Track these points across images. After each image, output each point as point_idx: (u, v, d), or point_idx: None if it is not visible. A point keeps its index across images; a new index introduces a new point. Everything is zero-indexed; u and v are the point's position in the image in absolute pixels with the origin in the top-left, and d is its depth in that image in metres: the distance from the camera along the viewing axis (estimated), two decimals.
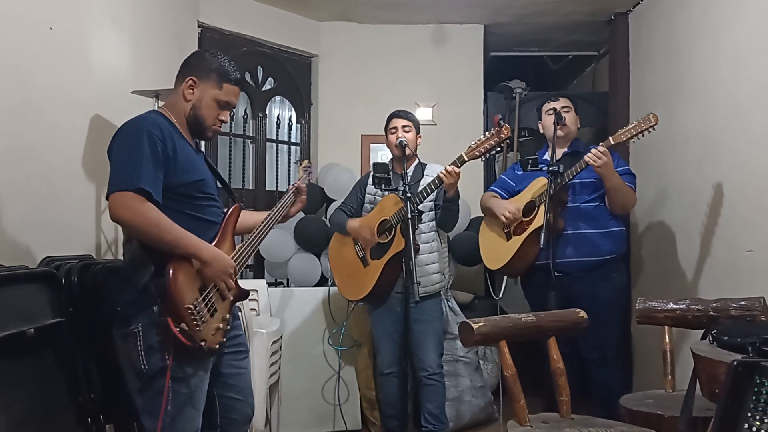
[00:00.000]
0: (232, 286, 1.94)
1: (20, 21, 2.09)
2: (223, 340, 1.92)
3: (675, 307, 2.26)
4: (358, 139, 4.45)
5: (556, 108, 3.07)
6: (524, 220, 3.04)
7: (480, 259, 3.39)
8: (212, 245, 1.92)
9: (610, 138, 2.87)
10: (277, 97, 4.51)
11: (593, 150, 2.82)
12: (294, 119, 4.55)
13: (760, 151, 2.65)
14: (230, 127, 4.13)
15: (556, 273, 2.83)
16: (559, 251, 2.92)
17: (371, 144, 4.43)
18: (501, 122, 2.76)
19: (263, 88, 4.35)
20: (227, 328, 1.95)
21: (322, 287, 3.71)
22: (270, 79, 4.38)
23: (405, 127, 3.07)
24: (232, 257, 1.98)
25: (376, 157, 4.34)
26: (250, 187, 4.27)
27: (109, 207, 1.78)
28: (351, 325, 3.61)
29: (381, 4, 4.17)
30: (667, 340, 2.25)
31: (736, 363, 1.31)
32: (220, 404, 2.04)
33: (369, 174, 3.23)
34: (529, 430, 1.85)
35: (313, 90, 4.57)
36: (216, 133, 2.09)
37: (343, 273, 3.19)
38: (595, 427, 1.87)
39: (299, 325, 3.65)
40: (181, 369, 1.82)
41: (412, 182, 3.00)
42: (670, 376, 2.23)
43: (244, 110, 4.27)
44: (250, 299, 3.06)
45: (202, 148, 2.20)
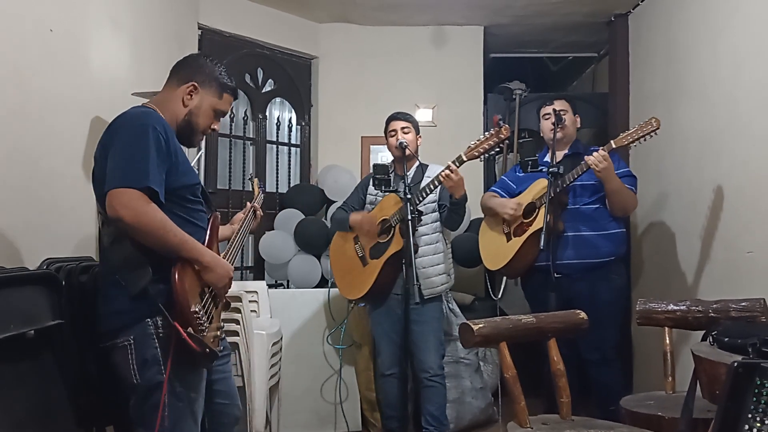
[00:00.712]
0: (227, 291, 1.91)
1: (19, 23, 2.09)
2: (220, 348, 1.89)
3: (675, 308, 2.26)
4: (358, 141, 4.45)
5: (555, 109, 3.08)
6: (525, 222, 3.04)
7: (480, 261, 3.39)
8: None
9: (612, 142, 2.87)
10: (277, 99, 4.51)
11: (594, 154, 2.82)
12: (294, 121, 4.55)
13: (759, 152, 2.65)
14: (230, 129, 4.13)
15: (556, 274, 2.83)
16: (558, 253, 2.92)
17: (371, 145, 4.43)
18: (500, 122, 2.76)
19: (263, 90, 4.36)
20: (222, 335, 1.93)
21: (322, 289, 3.71)
22: (270, 80, 4.38)
23: (404, 128, 3.08)
24: None
25: (376, 158, 4.35)
26: (251, 189, 4.27)
27: (109, 204, 1.67)
28: (351, 326, 3.61)
29: (380, 5, 4.17)
30: (668, 342, 2.25)
31: (736, 364, 1.31)
32: (208, 410, 1.99)
33: (371, 175, 3.23)
34: None
35: (313, 91, 4.58)
36: (200, 141, 2.09)
37: (343, 272, 3.20)
38: (595, 429, 1.87)
39: (299, 327, 3.65)
40: (179, 381, 1.75)
41: (413, 183, 3.01)
42: (670, 378, 2.23)
43: (245, 112, 4.27)
44: (250, 301, 3.07)
45: (201, 146, 2.20)
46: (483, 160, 3.47)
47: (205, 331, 1.75)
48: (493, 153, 2.88)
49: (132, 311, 1.73)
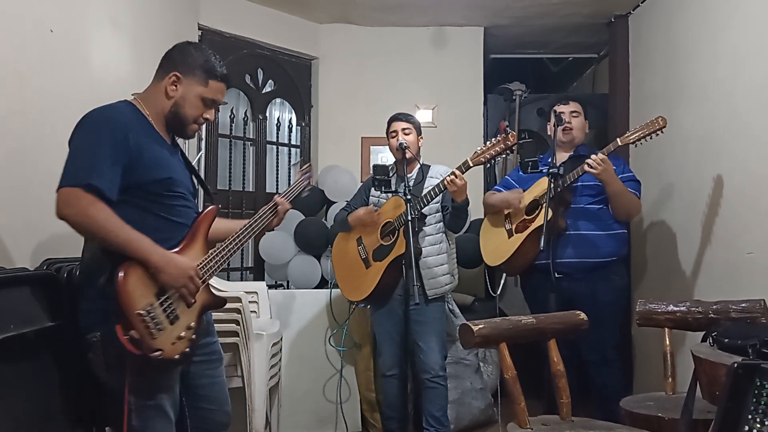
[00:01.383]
0: (193, 291, 1.80)
1: (19, 23, 2.09)
2: (187, 351, 1.78)
3: (675, 309, 2.26)
4: (358, 141, 4.45)
5: (556, 110, 3.08)
6: (527, 218, 3.04)
7: (480, 261, 3.39)
8: (173, 250, 1.79)
9: (618, 139, 2.87)
10: (277, 100, 4.51)
11: (592, 156, 2.82)
12: (294, 121, 4.56)
13: (759, 153, 2.65)
14: (230, 130, 4.13)
15: (557, 274, 2.83)
16: (559, 251, 2.92)
17: (371, 146, 4.43)
18: (507, 129, 2.75)
19: (263, 91, 4.36)
20: (193, 336, 1.81)
21: (323, 289, 3.71)
22: (270, 81, 4.39)
23: (405, 129, 3.08)
24: (201, 262, 1.85)
25: (376, 159, 4.35)
26: (251, 190, 4.28)
27: (56, 203, 1.66)
28: (352, 327, 3.61)
29: (381, 6, 4.17)
30: (668, 342, 2.25)
31: (736, 365, 1.31)
32: (192, 415, 1.96)
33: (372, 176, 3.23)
34: None
35: (313, 92, 4.58)
36: (195, 132, 1.97)
37: (345, 273, 3.20)
38: (595, 430, 1.87)
39: (299, 328, 3.65)
40: (144, 381, 1.72)
41: (415, 184, 3.01)
42: (670, 378, 2.23)
43: (245, 112, 4.28)
44: (250, 301, 3.07)
45: (201, 146, 2.16)
46: (489, 166, 3.47)
47: (156, 334, 1.68)
48: (498, 158, 2.88)
49: (99, 309, 1.70)
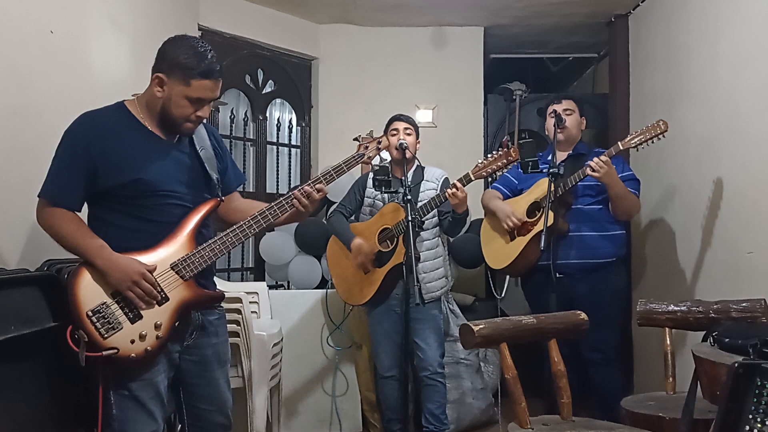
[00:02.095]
0: (141, 293, 1.79)
1: (20, 24, 2.09)
2: (149, 349, 1.79)
3: (676, 308, 2.26)
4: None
5: (555, 110, 3.08)
6: (528, 221, 3.03)
7: (480, 261, 3.39)
8: (138, 251, 1.82)
9: (620, 143, 2.86)
10: (278, 100, 4.51)
11: (594, 159, 2.81)
12: (294, 122, 4.56)
13: (759, 153, 2.65)
14: (230, 130, 4.13)
15: (558, 274, 2.83)
16: (560, 253, 2.92)
17: None
18: (509, 144, 2.76)
19: (263, 91, 4.36)
20: (162, 335, 1.81)
21: (323, 290, 3.71)
22: (270, 81, 4.39)
23: (406, 129, 3.08)
24: (179, 258, 1.86)
25: (376, 159, 4.34)
26: (251, 190, 4.28)
27: None
28: (351, 327, 3.61)
29: (380, 6, 4.18)
30: (668, 342, 2.25)
31: (737, 365, 1.31)
32: (188, 413, 1.99)
33: (367, 174, 3.22)
34: None
35: (313, 92, 4.58)
36: (192, 130, 1.94)
37: (343, 277, 3.18)
38: (595, 430, 1.87)
39: (300, 328, 3.65)
40: (115, 374, 1.79)
41: (412, 185, 3.01)
42: (671, 378, 2.23)
43: (245, 113, 4.28)
44: (250, 302, 3.07)
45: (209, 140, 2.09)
46: (491, 180, 3.47)
47: (108, 333, 1.74)
48: (499, 173, 2.90)
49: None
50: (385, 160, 3.32)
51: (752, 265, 2.69)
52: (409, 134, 3.08)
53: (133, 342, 1.78)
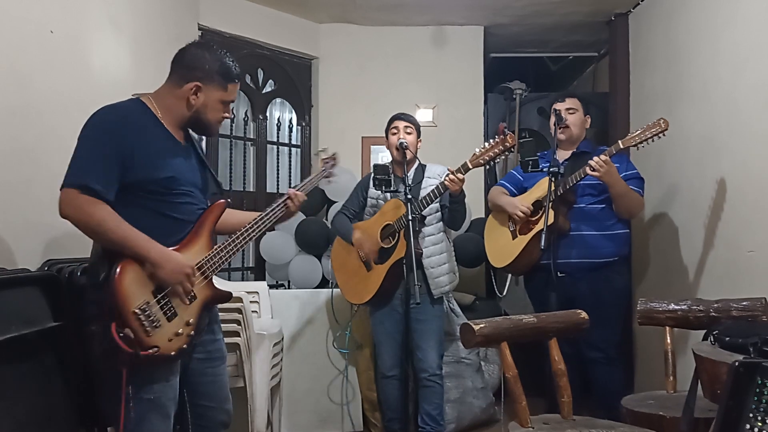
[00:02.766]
0: (189, 289, 1.82)
1: (20, 24, 2.09)
2: (184, 347, 1.81)
3: (676, 307, 2.26)
4: (359, 141, 4.45)
5: (557, 109, 3.08)
6: (531, 220, 3.04)
7: (481, 261, 3.39)
8: (172, 248, 1.81)
9: (620, 142, 2.85)
10: (278, 99, 4.51)
11: (594, 158, 2.81)
12: (294, 121, 4.56)
13: (760, 151, 2.65)
14: (231, 130, 4.13)
15: (559, 273, 2.83)
16: (561, 252, 2.92)
17: (372, 146, 4.43)
18: (506, 130, 2.74)
19: (263, 91, 4.36)
20: (191, 333, 1.84)
21: (323, 289, 3.71)
22: (270, 81, 4.39)
23: (407, 128, 3.08)
24: (204, 258, 1.88)
25: (377, 158, 4.35)
26: (251, 190, 4.28)
27: (58, 203, 1.72)
28: (353, 327, 3.60)
29: (380, 5, 4.17)
30: (669, 341, 2.25)
31: (737, 363, 1.31)
32: (192, 411, 1.98)
33: (370, 175, 3.22)
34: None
35: (314, 92, 4.57)
36: (218, 131, 2.06)
37: (346, 276, 3.18)
38: (596, 428, 1.87)
39: (300, 327, 3.65)
40: (141, 375, 1.74)
41: (413, 183, 3.01)
42: (671, 377, 2.23)
43: (245, 112, 4.28)
44: (251, 301, 3.07)
45: (202, 147, 2.15)
46: (488, 167, 3.46)
47: (152, 331, 1.72)
48: (497, 160, 2.88)
49: (100, 301, 1.73)
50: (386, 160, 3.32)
51: (753, 264, 2.68)
52: (409, 133, 3.07)
53: (170, 340, 1.78)
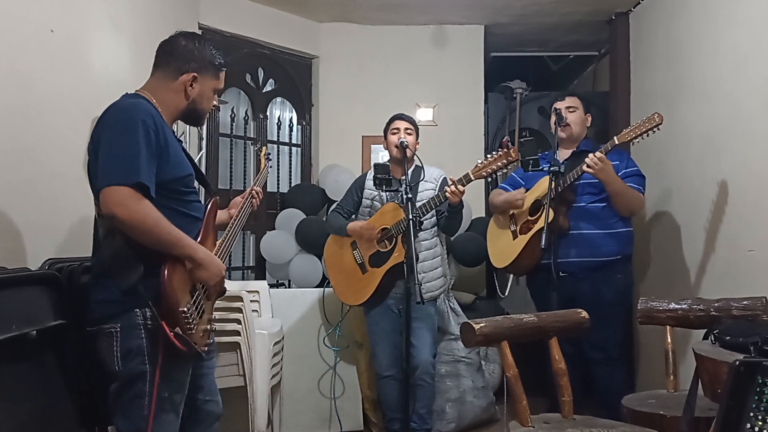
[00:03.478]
0: (225, 289, 1.92)
1: (20, 24, 2.09)
2: (209, 342, 1.89)
3: (677, 307, 2.26)
4: (359, 140, 4.45)
5: (556, 108, 3.08)
6: (530, 219, 3.04)
7: (481, 260, 3.39)
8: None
9: (615, 138, 2.86)
10: (278, 99, 4.51)
11: (590, 156, 2.81)
12: (295, 120, 4.56)
13: (761, 150, 2.65)
14: (231, 129, 4.13)
15: (561, 273, 2.83)
16: (562, 251, 2.92)
17: (372, 145, 4.43)
18: (509, 144, 2.73)
19: (264, 90, 4.36)
20: (214, 329, 1.94)
21: (323, 288, 3.71)
22: (270, 80, 4.39)
23: (407, 129, 3.08)
24: (217, 253, 1.94)
25: (377, 158, 4.35)
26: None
27: (103, 201, 1.67)
28: (353, 326, 3.61)
29: (381, 5, 4.17)
30: (669, 341, 2.25)
31: (738, 363, 1.31)
32: (189, 406, 1.98)
33: (365, 174, 3.22)
34: (531, 431, 1.85)
35: (314, 91, 4.57)
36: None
37: (340, 277, 3.18)
38: (597, 428, 1.87)
39: (301, 327, 3.65)
40: (163, 374, 1.75)
41: (412, 183, 3.01)
42: (672, 376, 2.23)
43: (245, 112, 4.28)
44: (251, 300, 3.07)
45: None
46: (490, 180, 3.46)
47: (194, 329, 1.76)
48: (499, 174, 2.90)
49: (121, 302, 1.72)
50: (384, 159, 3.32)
51: (753, 264, 2.68)
52: (409, 134, 3.08)
53: (201, 337, 1.82)
